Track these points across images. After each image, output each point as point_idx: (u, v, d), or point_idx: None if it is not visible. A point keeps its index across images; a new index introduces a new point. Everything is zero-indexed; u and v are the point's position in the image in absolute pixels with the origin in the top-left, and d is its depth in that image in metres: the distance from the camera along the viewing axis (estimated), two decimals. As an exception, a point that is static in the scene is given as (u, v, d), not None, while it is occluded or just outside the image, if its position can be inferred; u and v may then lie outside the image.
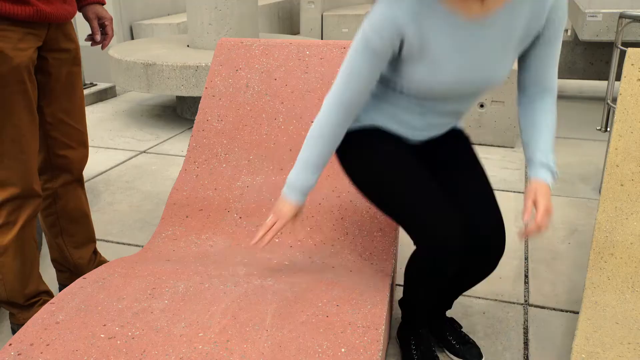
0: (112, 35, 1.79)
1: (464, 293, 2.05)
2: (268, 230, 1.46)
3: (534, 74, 1.40)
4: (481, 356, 1.68)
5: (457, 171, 1.52)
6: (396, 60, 1.34)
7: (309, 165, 1.41)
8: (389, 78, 1.40)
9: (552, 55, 1.36)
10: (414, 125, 1.46)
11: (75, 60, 1.71)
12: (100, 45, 1.80)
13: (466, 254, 1.46)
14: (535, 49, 1.35)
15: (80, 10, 1.75)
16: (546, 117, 1.42)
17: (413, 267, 1.47)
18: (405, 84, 1.34)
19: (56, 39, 1.62)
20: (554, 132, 1.42)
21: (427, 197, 1.38)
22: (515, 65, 3.27)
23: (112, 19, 1.79)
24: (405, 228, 1.41)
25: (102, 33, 1.79)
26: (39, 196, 1.66)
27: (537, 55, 1.36)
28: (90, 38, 1.77)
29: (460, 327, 1.76)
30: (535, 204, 1.37)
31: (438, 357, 1.62)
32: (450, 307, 1.73)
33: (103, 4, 1.78)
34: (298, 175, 1.43)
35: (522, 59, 1.40)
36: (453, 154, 1.54)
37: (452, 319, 1.76)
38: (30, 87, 1.54)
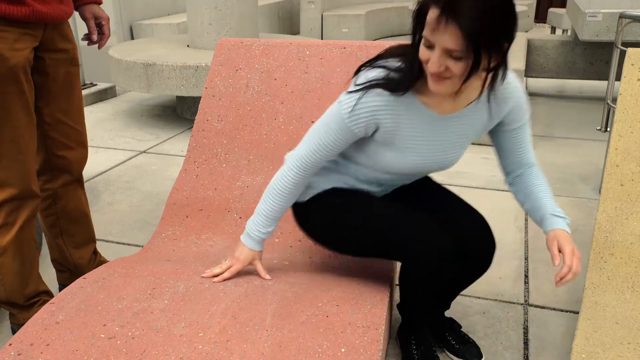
0: (109, 35, 1.79)
1: (464, 293, 2.05)
2: (224, 271, 1.54)
3: (515, 159, 1.52)
4: (481, 356, 1.68)
5: (426, 192, 1.59)
6: (365, 142, 1.41)
7: (267, 218, 1.50)
8: (352, 154, 1.47)
9: (525, 139, 1.49)
10: (371, 192, 1.55)
11: (73, 61, 1.71)
12: (97, 45, 1.80)
13: (459, 260, 1.50)
14: (510, 138, 1.48)
15: (77, 10, 1.75)
16: (539, 182, 1.51)
17: (406, 278, 1.49)
18: (368, 162, 1.44)
19: (53, 39, 1.62)
20: (552, 193, 1.50)
21: (410, 217, 1.42)
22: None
23: (109, 19, 1.78)
24: (396, 254, 1.43)
25: (99, 33, 1.79)
26: (38, 197, 1.66)
27: (513, 142, 1.48)
28: (87, 38, 1.77)
29: (460, 327, 1.76)
30: (561, 249, 1.38)
31: (438, 357, 1.62)
32: (448, 308, 1.74)
33: (100, 3, 1.77)
34: (256, 225, 1.51)
35: (500, 149, 1.52)
36: (417, 185, 1.63)
37: (451, 319, 1.76)
38: (27, 88, 1.54)
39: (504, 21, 1.12)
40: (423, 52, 1.20)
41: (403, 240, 1.39)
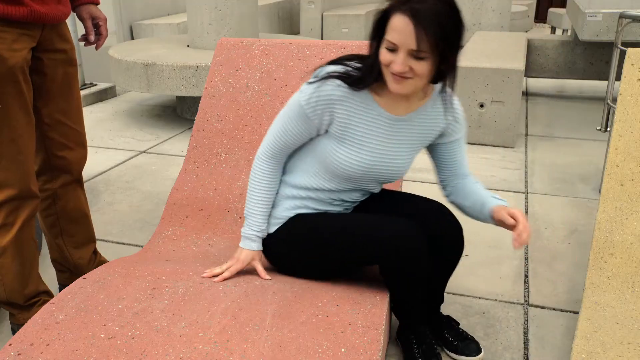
0: (106, 36, 1.79)
1: (464, 293, 2.05)
2: (224, 271, 1.56)
3: (452, 171, 1.63)
4: (480, 350, 1.68)
5: (382, 199, 1.65)
6: (319, 142, 1.50)
7: (254, 215, 1.56)
8: (308, 166, 1.54)
9: (462, 152, 1.61)
10: (325, 210, 1.60)
11: (71, 61, 1.71)
12: (95, 45, 1.80)
13: (432, 246, 1.55)
14: (447, 151, 1.59)
15: (74, 10, 1.75)
16: (477, 186, 1.61)
17: (390, 278, 1.50)
18: (321, 168, 1.51)
19: (51, 39, 1.62)
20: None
21: (375, 218, 1.48)
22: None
23: (106, 19, 1.78)
24: (370, 255, 1.46)
25: (96, 33, 1.79)
26: (37, 197, 1.66)
27: (450, 155, 1.60)
28: (84, 38, 1.77)
29: (458, 324, 1.76)
30: (511, 215, 1.46)
31: (440, 355, 1.63)
32: (442, 301, 1.74)
33: (97, 3, 1.77)
34: (249, 226, 1.57)
35: (439, 162, 1.63)
36: (374, 197, 1.68)
37: (448, 316, 1.77)
38: (25, 88, 1.54)
39: (457, 29, 1.29)
40: (385, 56, 1.32)
41: (374, 239, 1.44)
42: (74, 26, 4.55)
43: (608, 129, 3.01)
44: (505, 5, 5.87)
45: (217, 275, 1.55)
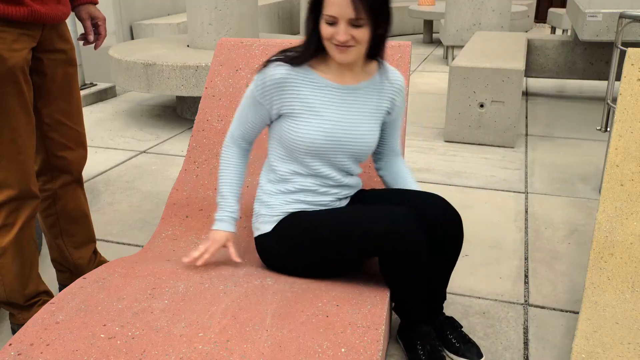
0: (105, 36, 1.79)
1: (464, 293, 2.05)
2: (203, 252, 1.61)
3: (387, 146, 1.75)
4: (481, 355, 1.68)
5: (375, 195, 1.70)
6: (279, 126, 1.59)
7: (226, 198, 1.65)
8: (277, 157, 1.62)
9: (398, 128, 1.73)
10: (317, 203, 1.62)
11: (71, 61, 1.71)
12: (93, 45, 1.80)
13: (431, 238, 1.57)
14: (387, 127, 1.71)
15: (73, 11, 1.75)
16: (406, 172, 1.76)
17: (389, 269, 1.50)
18: (290, 143, 1.56)
19: (50, 39, 1.62)
20: (415, 180, 1.77)
21: (372, 210, 1.51)
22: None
23: (105, 19, 1.78)
24: (367, 250, 1.47)
25: (95, 33, 1.79)
26: (37, 197, 1.66)
27: (389, 131, 1.72)
28: (83, 37, 1.77)
29: (461, 326, 1.76)
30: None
31: (444, 357, 1.63)
32: (444, 298, 1.74)
33: (96, 3, 1.77)
34: (222, 209, 1.65)
35: (380, 136, 1.71)
36: (365, 196, 1.72)
37: (451, 318, 1.76)
38: (25, 88, 1.54)
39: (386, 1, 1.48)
40: (326, 30, 1.45)
41: (371, 233, 1.45)
42: (74, 26, 4.55)
43: (608, 129, 3.01)
44: (505, 5, 5.87)
45: (197, 259, 1.60)
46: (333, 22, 1.43)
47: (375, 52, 1.56)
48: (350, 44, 1.45)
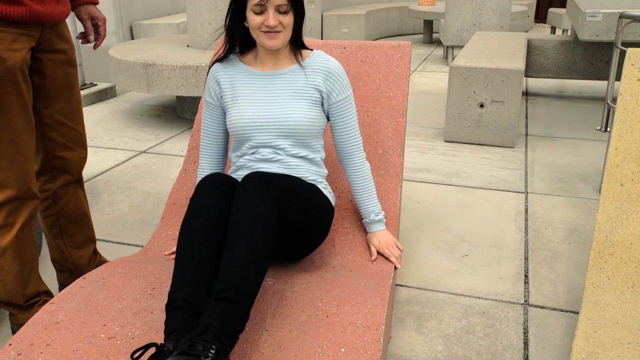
0: (105, 36, 1.79)
1: (464, 293, 2.05)
2: None
3: (339, 138, 1.76)
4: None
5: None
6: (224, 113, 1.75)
7: None
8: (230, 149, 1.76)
9: (349, 124, 1.75)
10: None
11: (71, 62, 1.70)
12: (93, 45, 1.80)
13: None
14: (333, 116, 1.74)
15: (73, 11, 1.75)
16: (364, 180, 1.78)
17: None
18: (230, 129, 1.70)
19: (50, 39, 1.62)
20: (373, 188, 1.80)
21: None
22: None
23: (105, 20, 1.78)
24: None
25: (95, 33, 1.78)
26: (37, 197, 1.66)
27: (337, 117, 1.74)
28: (83, 36, 1.76)
29: None
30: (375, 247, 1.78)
31: None
32: None
33: (96, 3, 1.77)
34: None
35: (332, 127, 1.76)
36: None
37: None
38: (25, 88, 1.54)
39: None
40: (255, 19, 1.58)
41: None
42: (74, 26, 4.55)
43: (608, 129, 3.01)
44: (505, 5, 5.87)
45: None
46: (261, 12, 1.58)
47: (298, 40, 1.71)
48: (279, 29, 1.59)
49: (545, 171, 3.19)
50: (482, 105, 3.56)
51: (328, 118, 1.76)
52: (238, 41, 1.70)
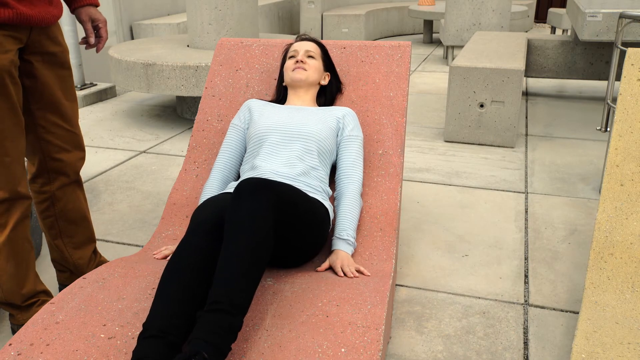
0: (106, 38, 1.78)
1: (464, 293, 2.05)
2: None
3: (340, 161, 1.88)
4: None
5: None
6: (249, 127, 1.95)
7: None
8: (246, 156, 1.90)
9: (354, 151, 1.88)
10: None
11: (63, 64, 1.69)
12: (95, 48, 1.79)
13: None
14: (343, 147, 1.90)
15: (73, 13, 1.74)
16: (350, 206, 1.77)
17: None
18: (251, 132, 1.88)
19: (40, 42, 1.61)
20: (357, 216, 1.78)
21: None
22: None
23: (106, 22, 1.77)
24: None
25: (96, 35, 1.77)
26: (28, 198, 1.64)
27: (342, 147, 1.90)
28: (85, 41, 1.76)
29: None
30: (333, 266, 1.67)
31: None
32: None
33: (97, 5, 1.76)
34: None
35: (337, 157, 1.91)
36: None
37: None
38: (13, 90, 1.52)
39: (326, 53, 2.09)
40: (288, 63, 1.99)
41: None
42: (74, 26, 4.55)
43: (608, 129, 3.01)
44: (505, 5, 5.87)
45: (167, 257, 1.73)
46: (293, 55, 2.00)
47: (327, 102, 2.05)
48: (305, 67, 1.95)
49: (545, 171, 3.19)
50: (482, 105, 3.56)
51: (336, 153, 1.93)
52: (283, 91, 2.07)
